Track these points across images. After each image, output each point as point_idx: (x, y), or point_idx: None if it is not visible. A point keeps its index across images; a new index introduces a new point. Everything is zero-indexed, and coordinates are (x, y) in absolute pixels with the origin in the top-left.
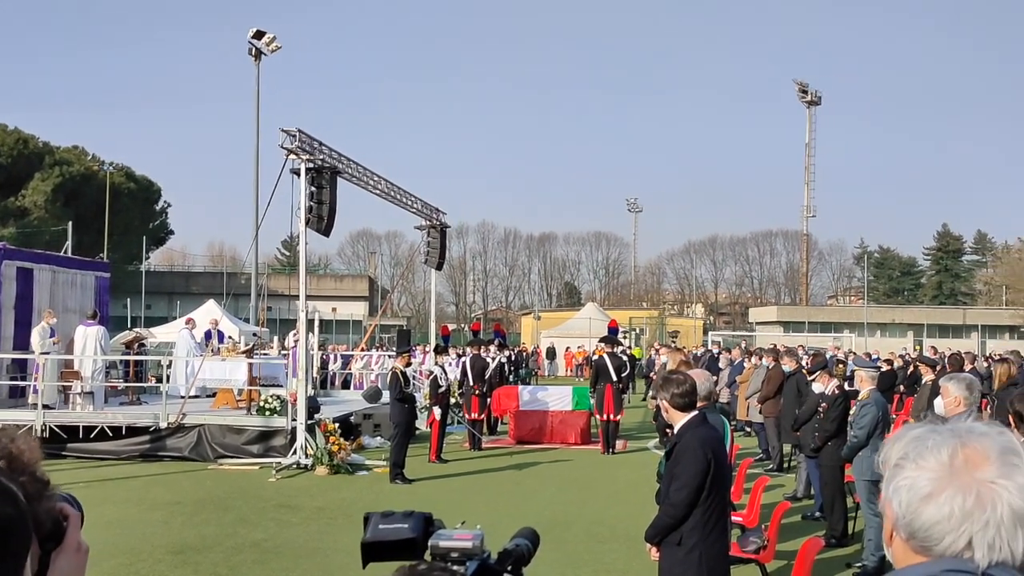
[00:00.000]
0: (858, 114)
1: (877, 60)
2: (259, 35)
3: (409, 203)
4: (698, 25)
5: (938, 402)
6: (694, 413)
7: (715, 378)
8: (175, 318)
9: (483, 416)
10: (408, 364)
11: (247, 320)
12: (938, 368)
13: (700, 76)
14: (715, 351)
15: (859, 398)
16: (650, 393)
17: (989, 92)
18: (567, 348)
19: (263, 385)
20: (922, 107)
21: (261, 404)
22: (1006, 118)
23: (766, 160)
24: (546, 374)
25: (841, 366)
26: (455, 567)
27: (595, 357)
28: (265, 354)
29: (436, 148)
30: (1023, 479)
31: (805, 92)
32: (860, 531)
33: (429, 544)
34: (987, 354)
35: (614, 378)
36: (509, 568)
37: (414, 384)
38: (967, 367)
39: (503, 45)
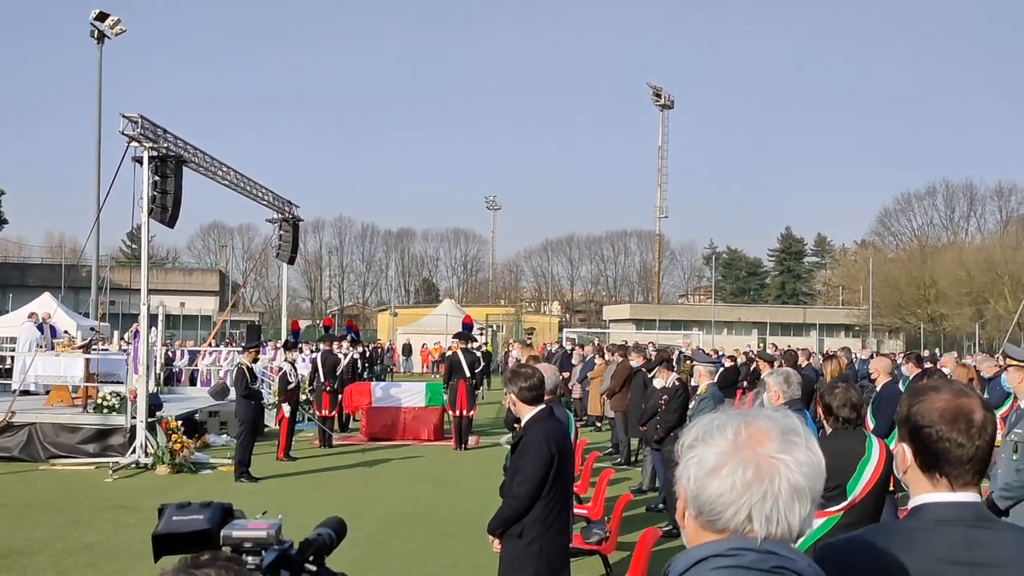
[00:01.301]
0: (709, 118)
1: (727, 65)
2: (102, 17)
3: (260, 195)
4: (560, 25)
5: (765, 398)
6: (541, 407)
7: (567, 374)
8: (7, 312)
9: (334, 413)
10: (256, 360)
11: (87, 315)
12: (776, 364)
13: (559, 76)
14: (568, 348)
15: (698, 392)
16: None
17: (829, 100)
18: (423, 345)
19: (101, 382)
20: (767, 113)
21: (99, 401)
22: (845, 125)
23: (622, 161)
24: (402, 371)
25: (689, 362)
26: (249, 557)
27: (449, 353)
28: (105, 349)
29: (293, 141)
30: (802, 455)
31: (659, 95)
32: None
33: (221, 535)
34: (824, 351)
35: (467, 374)
36: (311, 558)
37: (263, 380)
38: (802, 363)
39: (362, 37)
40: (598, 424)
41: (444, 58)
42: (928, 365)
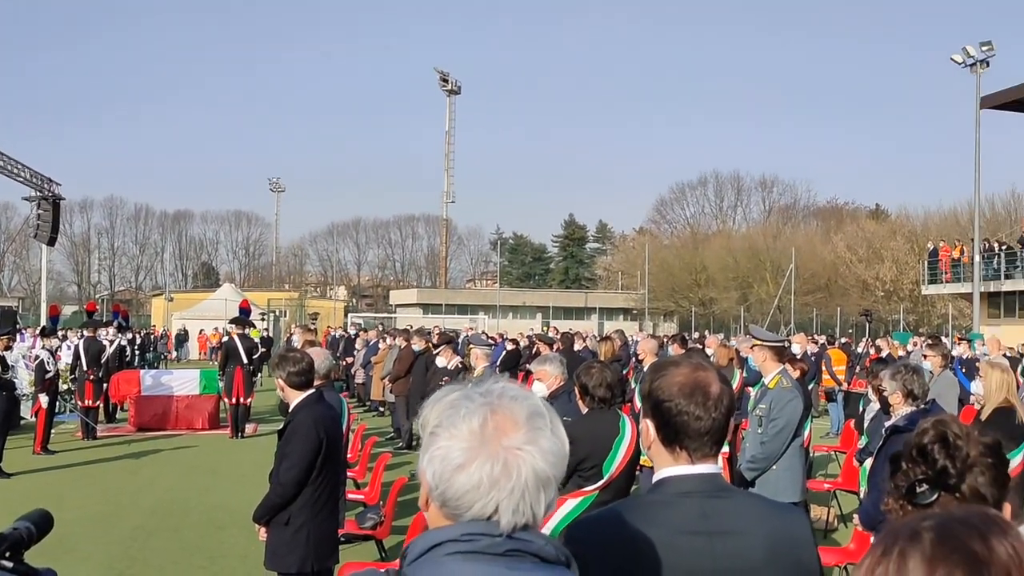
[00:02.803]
0: (496, 104)
1: (513, 51)
2: None
3: (15, 171)
4: (348, 5)
5: (538, 386)
6: (310, 391)
7: (350, 359)
8: None
9: (99, 403)
10: (8, 348)
11: None
12: (555, 346)
13: (346, 57)
14: (352, 332)
15: (475, 375)
16: None
17: (610, 90)
18: (201, 331)
19: None
20: (553, 101)
21: None
22: (625, 116)
23: (409, 145)
24: (177, 358)
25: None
26: None
27: (225, 339)
28: None
29: (60, 117)
30: (546, 443)
31: (446, 81)
32: None
33: None
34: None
35: (244, 360)
36: (7, 553)
37: (25, 368)
38: (579, 345)
39: (129, 8)
40: (381, 409)
41: (226, 32)
42: (692, 345)
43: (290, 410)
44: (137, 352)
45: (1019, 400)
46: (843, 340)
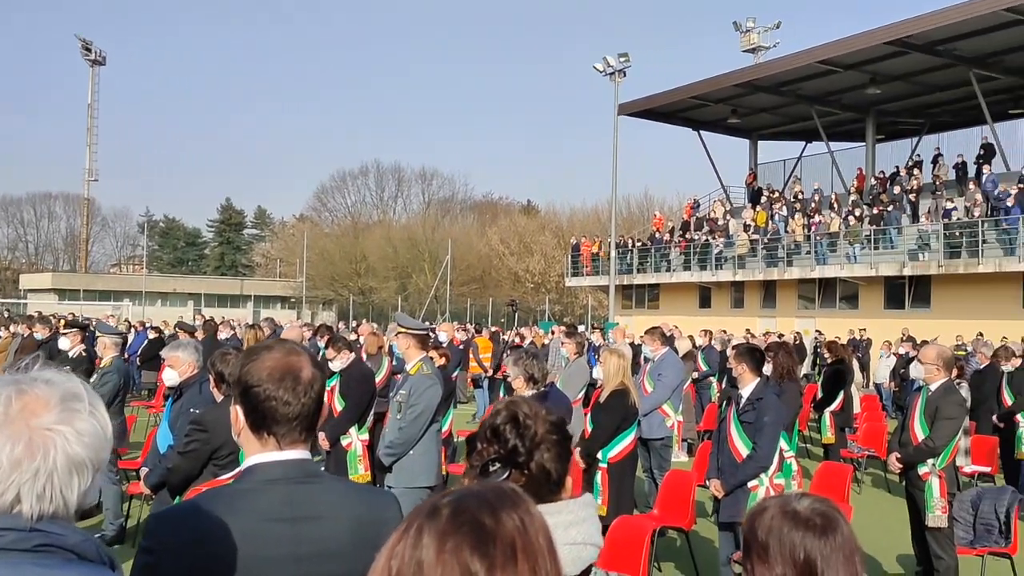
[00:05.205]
0: (147, 81)
1: (164, 27)
2: None
3: None
4: None
5: (169, 373)
6: None
7: None
8: None
9: None
10: None
11: None
12: (197, 335)
13: None
14: None
15: (102, 365)
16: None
17: (268, 76)
18: None
19: None
20: (209, 80)
21: None
22: (285, 101)
23: (47, 117)
24: None
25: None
26: None
27: None
28: None
29: None
30: (84, 424)
31: (89, 50)
32: None
33: None
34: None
35: None
36: None
37: None
38: (226, 333)
39: None
40: None
41: None
42: (340, 333)
43: None
44: None
45: (633, 383)
46: (493, 329)
